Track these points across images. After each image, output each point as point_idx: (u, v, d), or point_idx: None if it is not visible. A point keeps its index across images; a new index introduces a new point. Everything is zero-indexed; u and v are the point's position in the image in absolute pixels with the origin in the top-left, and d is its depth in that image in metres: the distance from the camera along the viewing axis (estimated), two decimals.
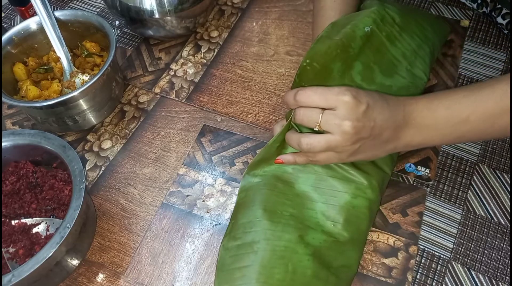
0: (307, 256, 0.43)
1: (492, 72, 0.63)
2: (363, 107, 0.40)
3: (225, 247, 0.46)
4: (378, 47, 0.53)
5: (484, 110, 0.40)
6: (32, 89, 0.57)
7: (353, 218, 0.46)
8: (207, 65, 0.66)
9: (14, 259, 0.45)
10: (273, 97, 0.62)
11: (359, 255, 0.46)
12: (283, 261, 0.43)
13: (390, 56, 0.54)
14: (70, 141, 0.59)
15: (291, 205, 0.47)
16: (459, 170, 0.54)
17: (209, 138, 0.58)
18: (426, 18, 0.61)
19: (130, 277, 0.48)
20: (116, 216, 0.52)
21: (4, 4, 0.77)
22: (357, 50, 0.51)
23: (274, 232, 0.44)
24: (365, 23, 0.52)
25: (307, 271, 0.42)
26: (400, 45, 0.55)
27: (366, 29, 0.52)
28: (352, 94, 0.40)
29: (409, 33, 0.56)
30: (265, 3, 0.74)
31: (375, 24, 0.53)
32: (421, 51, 0.56)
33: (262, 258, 0.43)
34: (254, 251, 0.44)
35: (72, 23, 0.61)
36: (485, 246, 0.49)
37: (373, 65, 0.53)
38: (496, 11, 0.65)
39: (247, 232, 0.45)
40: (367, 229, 0.47)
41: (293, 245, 0.44)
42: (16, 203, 0.49)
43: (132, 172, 0.56)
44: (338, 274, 0.44)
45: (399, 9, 0.57)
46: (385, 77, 0.53)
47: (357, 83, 0.51)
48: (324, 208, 0.46)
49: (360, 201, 0.46)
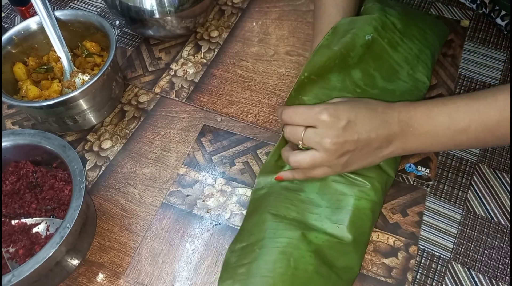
0: (309, 252, 0.44)
1: (492, 72, 0.63)
2: (343, 123, 0.41)
3: (231, 249, 0.47)
4: (379, 54, 0.54)
5: (486, 119, 0.40)
6: (32, 89, 0.57)
7: (357, 219, 0.46)
8: (207, 65, 0.66)
9: (14, 259, 0.45)
10: (273, 97, 0.62)
11: (361, 257, 0.46)
12: (285, 256, 0.43)
13: (392, 62, 0.55)
14: (70, 141, 0.59)
15: (295, 210, 0.47)
16: (459, 170, 0.54)
17: (209, 138, 0.58)
18: (425, 20, 0.61)
19: (130, 277, 0.48)
20: (116, 216, 0.52)
21: (4, 4, 0.77)
22: (356, 59, 0.52)
23: (276, 231, 0.45)
24: (366, 31, 0.53)
25: (309, 267, 0.43)
26: (402, 50, 0.56)
27: (367, 37, 0.53)
28: (329, 113, 0.41)
29: (410, 38, 0.57)
30: (265, 3, 0.74)
31: (376, 31, 0.54)
32: (422, 55, 0.57)
33: (264, 254, 0.44)
34: (258, 248, 0.44)
35: (72, 23, 0.61)
36: (485, 246, 0.49)
37: (374, 71, 0.54)
38: (495, 12, 0.65)
39: (252, 234, 0.46)
40: (370, 230, 0.47)
41: (296, 242, 0.44)
42: (16, 203, 0.49)
43: (132, 172, 0.56)
44: (340, 274, 0.44)
45: (400, 13, 0.57)
46: (386, 82, 0.54)
47: (361, 87, 0.51)
48: (328, 212, 0.47)
49: (363, 203, 0.47)
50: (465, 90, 0.61)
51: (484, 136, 0.41)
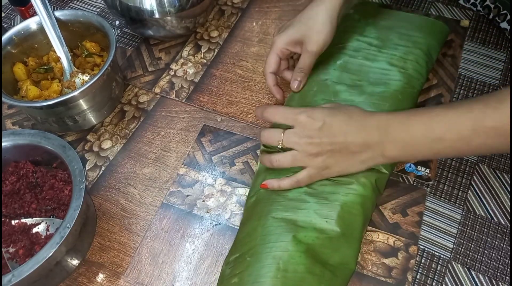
0: (299, 253, 0.44)
1: (492, 72, 0.63)
2: (319, 124, 0.44)
3: (226, 262, 0.47)
4: (358, 68, 0.58)
5: (459, 129, 0.40)
6: (32, 89, 0.57)
7: (346, 214, 0.46)
8: (207, 65, 0.66)
9: (14, 259, 0.45)
10: (273, 97, 0.62)
11: (356, 252, 0.46)
12: (274, 260, 0.44)
13: (376, 69, 0.57)
14: (70, 141, 0.59)
15: (284, 209, 0.47)
16: (459, 170, 0.54)
17: (209, 138, 0.58)
18: (415, 24, 0.62)
19: (130, 277, 0.48)
20: (116, 216, 0.52)
21: (4, 4, 0.77)
22: (334, 79, 0.57)
23: (266, 236, 0.46)
24: (336, 58, 0.59)
25: (299, 267, 0.43)
26: (383, 58, 0.58)
27: (338, 62, 0.58)
28: (307, 114, 0.45)
29: (390, 47, 0.59)
30: (265, 3, 0.74)
31: (347, 55, 0.59)
32: (410, 56, 0.58)
33: (255, 262, 0.44)
34: (249, 257, 0.45)
35: (72, 23, 0.61)
36: (485, 246, 0.49)
37: (360, 81, 0.57)
38: (500, 16, 0.65)
39: (244, 244, 0.47)
40: (362, 225, 0.47)
41: (284, 244, 0.45)
42: (16, 203, 0.49)
43: (132, 172, 0.56)
44: (334, 271, 0.44)
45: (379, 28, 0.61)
46: (375, 86, 0.55)
47: (347, 99, 0.54)
48: (316, 207, 0.47)
49: (352, 197, 0.47)
50: (465, 90, 0.61)
51: (459, 145, 0.41)
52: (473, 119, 0.39)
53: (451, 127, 0.40)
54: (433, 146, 0.42)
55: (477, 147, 0.40)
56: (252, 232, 0.47)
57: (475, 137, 0.39)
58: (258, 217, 0.48)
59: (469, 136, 0.39)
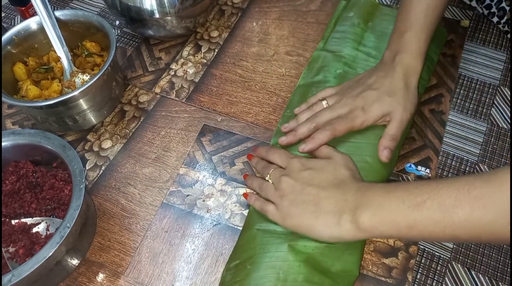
0: (298, 262, 0.44)
1: (492, 72, 0.63)
2: (305, 169, 0.47)
3: (226, 268, 0.47)
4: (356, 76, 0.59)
5: (443, 197, 0.38)
6: (32, 89, 0.57)
7: None
8: (207, 65, 0.66)
9: (14, 258, 0.45)
10: (273, 97, 0.62)
11: (358, 258, 0.46)
12: (274, 270, 0.44)
13: None
14: (70, 141, 0.59)
15: None
16: (459, 170, 0.54)
17: (209, 138, 0.58)
18: None
19: (130, 277, 0.48)
20: (116, 216, 0.52)
21: (4, 4, 0.77)
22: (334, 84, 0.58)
23: (265, 246, 0.46)
24: (336, 67, 0.60)
25: (298, 276, 0.44)
26: None
27: (338, 71, 0.60)
28: (300, 161, 0.48)
29: None
30: (265, 3, 0.74)
31: (346, 65, 0.60)
32: None
33: (254, 270, 0.45)
34: (249, 265, 0.45)
35: (73, 23, 0.61)
36: (485, 246, 0.49)
37: None
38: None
39: (244, 251, 0.47)
40: None
41: (284, 254, 0.45)
42: (16, 202, 0.49)
43: (132, 172, 0.56)
44: (335, 279, 0.44)
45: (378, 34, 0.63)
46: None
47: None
48: None
49: None
50: (465, 90, 0.61)
51: (439, 217, 0.37)
52: (456, 189, 0.37)
53: (433, 194, 0.38)
54: (410, 214, 0.39)
55: (458, 222, 0.37)
56: (251, 240, 0.47)
57: (457, 208, 0.37)
58: (257, 226, 0.48)
59: (450, 206, 0.37)
